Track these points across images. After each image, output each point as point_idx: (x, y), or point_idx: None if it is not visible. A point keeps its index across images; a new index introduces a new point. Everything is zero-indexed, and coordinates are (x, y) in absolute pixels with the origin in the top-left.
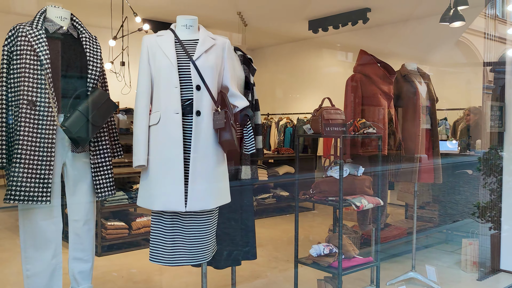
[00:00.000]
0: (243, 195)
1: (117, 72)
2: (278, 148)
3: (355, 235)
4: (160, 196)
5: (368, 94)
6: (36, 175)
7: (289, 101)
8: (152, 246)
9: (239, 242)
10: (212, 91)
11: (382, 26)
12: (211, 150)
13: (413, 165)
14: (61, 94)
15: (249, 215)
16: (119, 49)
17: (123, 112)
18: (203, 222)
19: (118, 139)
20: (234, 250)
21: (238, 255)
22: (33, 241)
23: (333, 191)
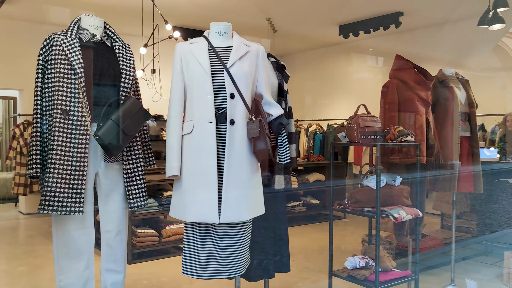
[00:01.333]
0: (276, 205)
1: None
2: (308, 155)
3: (389, 245)
4: (193, 207)
5: (404, 100)
6: (69, 185)
7: (318, 107)
8: (185, 258)
9: (272, 253)
10: (246, 99)
11: (415, 30)
12: (245, 160)
13: (451, 174)
14: (94, 103)
15: (283, 225)
16: (150, 57)
17: (153, 119)
18: (237, 234)
19: (151, 148)
20: (267, 262)
21: (271, 267)
22: (65, 251)
23: (369, 202)
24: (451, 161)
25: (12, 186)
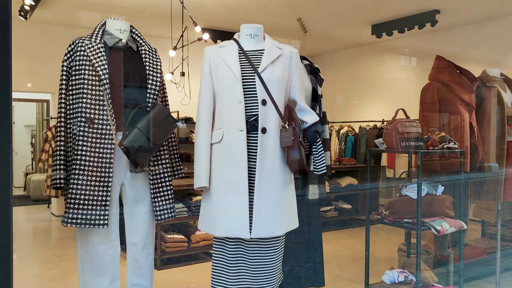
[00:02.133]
0: (310, 216)
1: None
2: (340, 158)
3: (427, 255)
4: (223, 221)
5: (446, 104)
6: (93, 197)
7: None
8: (214, 273)
9: (306, 267)
10: (279, 105)
11: (452, 28)
12: (278, 170)
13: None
14: (120, 111)
15: (317, 238)
16: (179, 59)
17: (182, 121)
18: (269, 249)
19: (179, 156)
20: (300, 277)
21: (305, 282)
22: (90, 266)
23: (409, 212)
24: (497, 169)
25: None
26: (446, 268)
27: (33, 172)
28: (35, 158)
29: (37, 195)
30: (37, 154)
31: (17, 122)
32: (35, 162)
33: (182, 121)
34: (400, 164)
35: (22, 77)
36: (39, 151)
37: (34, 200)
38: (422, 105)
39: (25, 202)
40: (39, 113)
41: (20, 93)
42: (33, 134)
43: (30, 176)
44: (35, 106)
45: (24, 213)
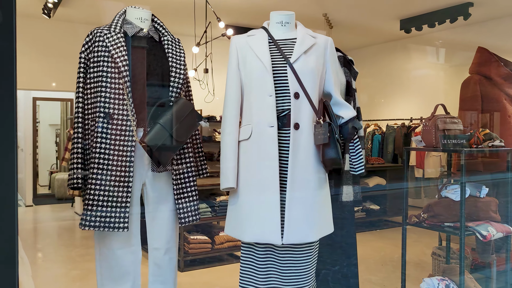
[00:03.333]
0: (344, 218)
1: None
2: (367, 157)
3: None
4: (252, 226)
5: (490, 99)
6: (113, 198)
7: (375, 107)
8: (242, 281)
9: (340, 271)
10: (313, 99)
11: (487, 21)
12: (311, 170)
13: None
14: (141, 105)
15: (351, 241)
16: (202, 56)
17: (205, 120)
18: (302, 256)
19: (204, 155)
20: (334, 281)
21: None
22: (109, 273)
23: (450, 216)
24: None
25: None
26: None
27: (58, 171)
28: (59, 157)
29: (61, 194)
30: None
31: (41, 121)
32: (60, 161)
33: (205, 120)
34: (429, 164)
35: (46, 76)
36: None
37: (58, 199)
38: (463, 101)
39: (49, 201)
40: (63, 112)
41: (45, 92)
42: (57, 133)
43: (55, 175)
44: (59, 105)
45: (48, 211)
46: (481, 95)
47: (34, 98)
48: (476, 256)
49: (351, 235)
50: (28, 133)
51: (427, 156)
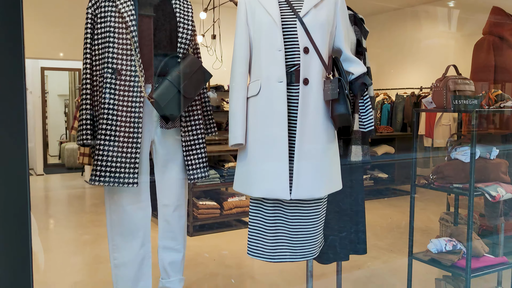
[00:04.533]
0: (353, 180)
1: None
2: (376, 126)
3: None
4: (261, 181)
5: (503, 60)
6: (122, 154)
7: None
8: (250, 237)
9: (349, 234)
10: (323, 54)
11: None
12: (320, 126)
13: None
14: (148, 61)
15: (360, 202)
16: (210, 22)
17: (213, 90)
18: (310, 212)
19: (212, 113)
20: (343, 244)
21: (347, 249)
22: (120, 228)
23: (459, 177)
24: None
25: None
26: (491, 239)
27: (67, 141)
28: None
29: (71, 163)
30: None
31: (50, 92)
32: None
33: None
34: (438, 134)
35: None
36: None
37: (68, 168)
38: (475, 62)
39: (60, 170)
40: (71, 82)
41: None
42: (66, 104)
43: (64, 145)
44: (68, 75)
45: (59, 180)
46: (494, 55)
47: (42, 68)
48: (484, 222)
49: (359, 202)
50: (37, 103)
51: (436, 125)
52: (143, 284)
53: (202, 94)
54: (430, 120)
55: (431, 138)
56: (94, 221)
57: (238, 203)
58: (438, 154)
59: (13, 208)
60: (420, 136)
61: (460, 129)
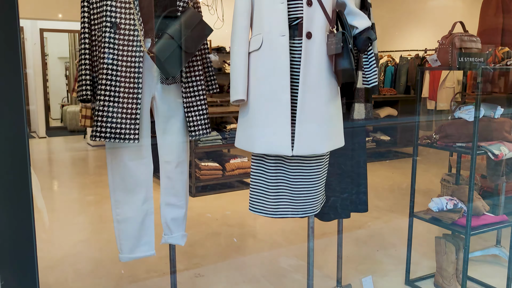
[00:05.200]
0: (355, 137)
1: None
2: (379, 88)
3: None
4: (262, 137)
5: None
6: (123, 110)
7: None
8: (252, 194)
9: (350, 192)
10: (326, 7)
11: None
12: (323, 82)
13: None
14: (148, 15)
15: (362, 160)
16: None
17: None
18: (312, 169)
19: (213, 70)
20: (344, 204)
21: (348, 207)
22: (122, 184)
23: (462, 136)
24: None
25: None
26: (492, 200)
27: (69, 104)
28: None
29: (73, 126)
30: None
31: (50, 54)
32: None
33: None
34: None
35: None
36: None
37: (70, 131)
38: (483, 19)
39: (62, 133)
40: (71, 44)
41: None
42: (66, 66)
43: (66, 108)
44: (67, 37)
45: (61, 143)
46: (502, 11)
47: (41, 29)
48: (485, 183)
49: (361, 165)
50: (38, 66)
51: (440, 87)
52: (146, 239)
53: (203, 50)
54: (434, 82)
55: (434, 101)
56: (98, 182)
57: (240, 164)
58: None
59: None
60: (423, 99)
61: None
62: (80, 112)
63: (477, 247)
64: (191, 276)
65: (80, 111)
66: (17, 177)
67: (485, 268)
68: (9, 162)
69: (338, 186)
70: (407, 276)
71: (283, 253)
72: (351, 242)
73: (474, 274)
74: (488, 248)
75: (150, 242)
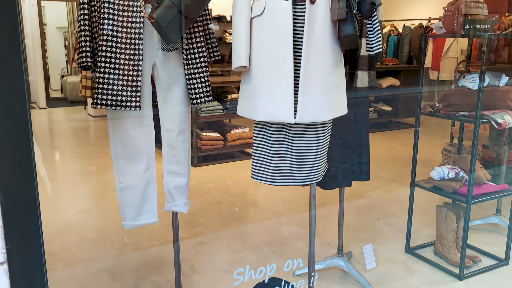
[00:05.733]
0: (358, 107)
1: None
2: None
3: None
4: (265, 105)
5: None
6: (124, 77)
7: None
8: (254, 161)
9: (352, 161)
10: None
11: None
12: (327, 48)
13: None
14: None
15: (364, 129)
16: None
17: (215, 21)
18: (314, 137)
19: (215, 37)
20: (345, 174)
21: (350, 176)
22: (124, 152)
23: (465, 105)
24: None
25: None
26: (493, 170)
27: (68, 75)
28: (69, 60)
29: (73, 97)
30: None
31: (48, 24)
32: (70, 64)
33: (214, 21)
34: (445, 66)
35: None
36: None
37: (71, 102)
38: None
39: (62, 103)
40: (70, 14)
41: None
42: (65, 36)
43: (66, 78)
44: (65, 7)
45: (62, 114)
46: None
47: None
48: (487, 153)
49: (363, 135)
50: (36, 36)
51: (443, 57)
52: (148, 207)
53: (204, 16)
54: (437, 52)
55: (437, 71)
56: (99, 152)
57: (241, 134)
58: (443, 87)
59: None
60: (425, 69)
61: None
62: (80, 83)
63: (477, 216)
64: (193, 244)
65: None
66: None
67: (485, 237)
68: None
69: (340, 156)
70: (407, 244)
71: (285, 222)
72: (352, 211)
73: (474, 242)
74: (488, 217)
75: (153, 209)
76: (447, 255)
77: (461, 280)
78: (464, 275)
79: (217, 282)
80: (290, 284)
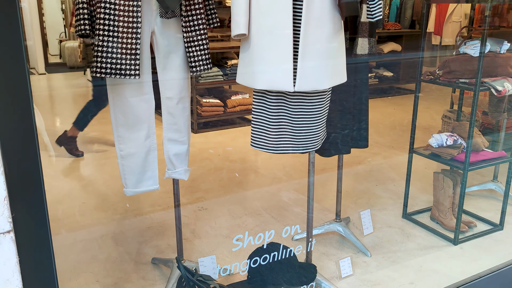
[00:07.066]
0: (358, 73)
1: None
2: (383, 23)
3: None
4: (264, 73)
5: None
6: (122, 45)
7: None
8: (254, 129)
9: (351, 128)
10: None
11: None
12: (326, 16)
13: None
14: None
15: (364, 96)
16: None
17: None
18: (314, 105)
19: (213, 4)
20: (345, 141)
21: (349, 143)
22: (124, 120)
23: (466, 72)
24: None
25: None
26: (492, 136)
27: (67, 39)
28: (67, 24)
29: (72, 62)
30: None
31: None
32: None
33: None
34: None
35: None
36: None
37: (70, 67)
38: None
39: (61, 69)
40: None
41: None
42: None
43: (64, 43)
44: None
45: (61, 79)
46: None
47: None
48: (486, 120)
49: (363, 101)
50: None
51: (446, 22)
52: (149, 174)
53: None
54: (440, 16)
55: (439, 36)
56: (100, 118)
57: (241, 101)
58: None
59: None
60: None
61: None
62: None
63: (474, 182)
64: (194, 210)
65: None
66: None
67: (481, 202)
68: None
69: (339, 123)
70: (404, 209)
71: (284, 188)
72: (350, 177)
73: (470, 208)
74: (485, 183)
75: (154, 176)
76: (443, 221)
77: (455, 244)
78: (459, 240)
79: (218, 246)
80: (289, 249)
